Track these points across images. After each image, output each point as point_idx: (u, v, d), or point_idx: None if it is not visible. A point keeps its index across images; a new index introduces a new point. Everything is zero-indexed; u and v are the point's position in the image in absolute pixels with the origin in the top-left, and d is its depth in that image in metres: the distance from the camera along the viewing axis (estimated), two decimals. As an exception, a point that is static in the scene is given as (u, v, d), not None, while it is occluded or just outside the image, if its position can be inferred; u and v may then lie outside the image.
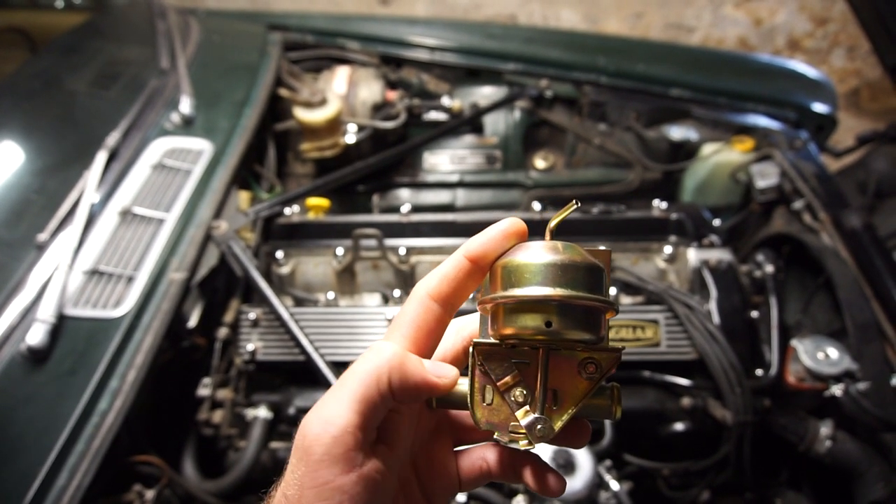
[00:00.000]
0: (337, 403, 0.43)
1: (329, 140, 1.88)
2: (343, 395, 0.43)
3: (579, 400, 0.47)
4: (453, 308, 0.50)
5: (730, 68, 2.22)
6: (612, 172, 2.09)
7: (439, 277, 0.48)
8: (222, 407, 1.32)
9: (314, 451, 0.42)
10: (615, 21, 4.39)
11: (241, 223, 1.49)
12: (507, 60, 2.15)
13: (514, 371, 0.47)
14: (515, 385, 0.47)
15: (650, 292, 1.40)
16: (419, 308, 0.48)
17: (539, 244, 0.47)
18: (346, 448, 0.42)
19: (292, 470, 0.43)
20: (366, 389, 0.43)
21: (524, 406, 0.47)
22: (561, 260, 0.45)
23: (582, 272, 0.45)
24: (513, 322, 0.46)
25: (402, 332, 0.48)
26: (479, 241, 0.48)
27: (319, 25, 2.25)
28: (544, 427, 0.46)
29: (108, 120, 1.56)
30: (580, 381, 0.47)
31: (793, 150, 1.80)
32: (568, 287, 0.44)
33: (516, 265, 0.46)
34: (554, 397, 0.47)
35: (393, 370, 0.44)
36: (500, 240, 0.48)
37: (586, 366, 0.47)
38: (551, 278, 0.44)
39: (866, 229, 1.51)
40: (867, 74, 4.21)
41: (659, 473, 1.39)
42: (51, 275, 1.20)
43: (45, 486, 0.96)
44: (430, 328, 0.48)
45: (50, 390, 1.07)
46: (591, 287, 0.45)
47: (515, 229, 0.48)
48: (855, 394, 1.24)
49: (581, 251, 0.46)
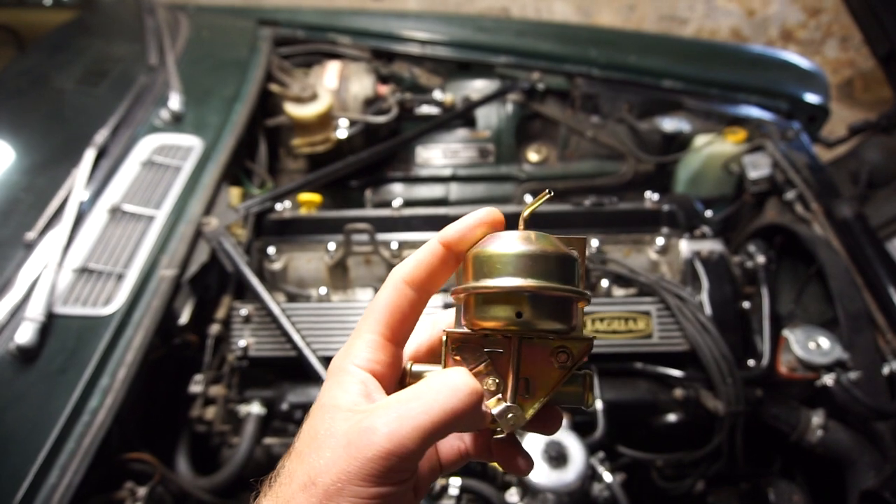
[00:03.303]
0: (413, 430, 0.42)
1: (320, 135, 1.88)
2: (420, 423, 0.42)
3: (551, 388, 0.47)
4: (428, 294, 0.50)
5: (722, 59, 2.21)
6: (604, 164, 2.09)
7: (414, 263, 0.49)
8: (215, 403, 1.32)
9: (374, 458, 0.41)
10: (608, 13, 4.38)
11: (232, 219, 1.48)
12: (499, 53, 2.14)
13: (486, 360, 0.47)
14: (487, 374, 0.47)
15: (642, 284, 1.40)
16: (394, 293, 0.48)
17: (512, 234, 0.47)
18: (404, 474, 0.43)
19: (335, 460, 0.42)
20: (440, 427, 0.43)
21: (496, 395, 0.47)
22: (532, 250, 0.45)
23: (553, 262, 0.45)
24: (484, 312, 0.46)
25: (376, 316, 0.48)
26: (455, 228, 0.48)
27: (310, 20, 2.23)
28: (515, 416, 0.46)
29: (96, 117, 1.55)
30: (552, 370, 0.47)
31: (785, 140, 1.80)
32: (539, 277, 0.44)
33: (488, 255, 0.46)
34: (526, 386, 0.47)
35: (467, 416, 0.44)
36: (475, 227, 0.48)
37: (558, 354, 0.47)
38: (522, 269, 0.45)
39: (858, 219, 1.51)
40: (860, 65, 4.21)
41: (652, 464, 1.39)
42: (40, 273, 1.19)
43: (35, 485, 0.95)
44: (405, 313, 0.49)
45: (40, 389, 1.06)
46: (563, 277, 0.45)
47: (491, 218, 0.48)
48: (846, 383, 1.24)
49: (554, 241, 0.47)
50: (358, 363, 0.47)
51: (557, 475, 1.18)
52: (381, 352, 0.48)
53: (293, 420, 1.36)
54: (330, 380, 0.48)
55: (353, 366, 0.47)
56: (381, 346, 0.48)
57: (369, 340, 0.48)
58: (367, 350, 0.48)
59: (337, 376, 0.48)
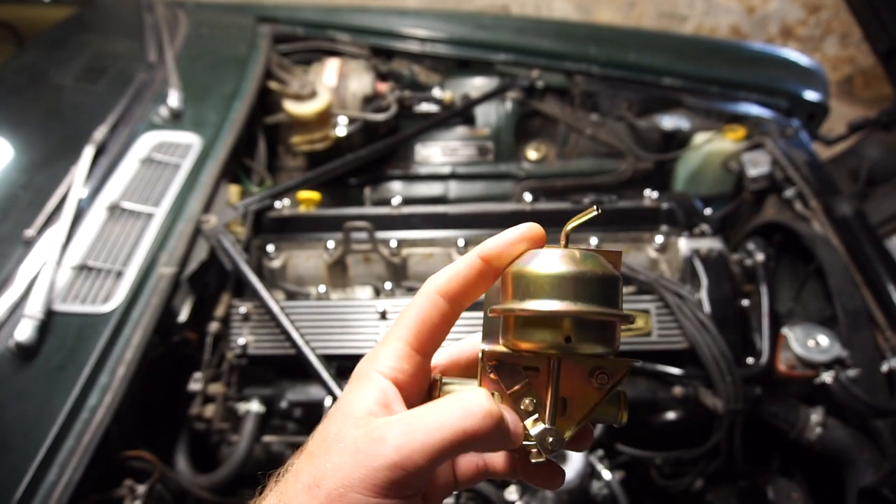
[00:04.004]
0: (422, 445, 0.42)
1: (319, 133, 1.87)
2: (430, 440, 0.42)
3: (589, 409, 0.46)
4: (461, 307, 0.49)
5: (721, 57, 2.21)
6: (604, 162, 2.09)
7: (450, 274, 0.48)
8: (214, 401, 1.32)
9: (380, 468, 0.41)
10: (608, 11, 4.37)
11: (231, 217, 1.48)
12: (499, 51, 2.14)
13: (524, 379, 0.46)
14: (525, 394, 0.46)
15: (641, 282, 1.40)
16: (426, 303, 0.48)
17: (556, 253, 0.45)
18: (409, 490, 0.42)
19: (341, 465, 0.42)
20: (451, 447, 0.42)
21: (533, 415, 0.46)
22: (577, 272, 0.43)
23: (598, 285, 0.43)
24: (525, 334, 0.45)
25: (406, 324, 0.48)
26: (495, 243, 0.47)
27: (309, 17, 2.23)
28: (556, 439, 0.45)
29: (95, 114, 1.54)
30: (590, 390, 0.46)
31: (784, 138, 1.80)
32: (584, 301, 0.43)
33: (533, 275, 0.44)
34: (563, 406, 0.46)
35: (482, 438, 0.43)
36: (516, 243, 0.47)
37: (597, 375, 0.46)
38: (567, 291, 0.43)
39: (857, 217, 1.51)
40: (860, 62, 4.20)
41: (651, 462, 1.39)
42: (39, 270, 1.19)
43: (34, 483, 0.95)
44: (435, 323, 0.48)
45: (39, 386, 1.06)
46: (608, 300, 0.44)
47: (532, 234, 0.47)
48: (845, 381, 1.25)
49: (599, 261, 0.45)
50: (381, 370, 0.47)
51: (556, 473, 1.18)
52: (405, 361, 0.48)
53: (292, 418, 1.36)
54: (351, 383, 0.48)
55: (375, 372, 0.47)
56: (407, 355, 0.48)
57: (395, 348, 0.48)
58: (391, 358, 0.47)
59: (359, 381, 0.48)
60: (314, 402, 1.34)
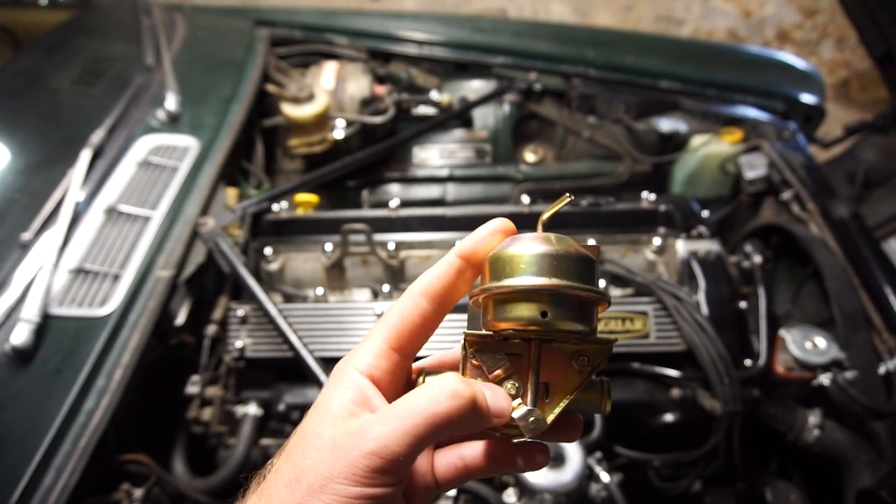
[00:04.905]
0: (395, 432, 0.43)
1: (317, 135, 1.87)
2: (404, 426, 0.43)
3: (570, 393, 0.47)
4: (444, 307, 0.50)
5: (718, 60, 2.22)
6: (601, 165, 2.09)
7: (431, 275, 0.50)
8: (211, 404, 1.32)
9: (358, 457, 0.42)
10: (605, 14, 4.38)
11: (229, 220, 1.48)
12: (496, 54, 2.14)
13: (506, 363, 0.47)
14: (507, 377, 0.47)
15: (639, 284, 1.40)
16: (409, 303, 0.49)
17: (531, 236, 0.46)
18: (390, 478, 0.43)
19: (320, 460, 0.43)
20: (427, 431, 0.43)
21: (516, 398, 0.47)
22: (555, 250, 0.45)
23: (575, 263, 0.45)
24: (504, 313, 0.45)
25: (387, 323, 0.49)
26: (471, 239, 0.49)
27: (307, 20, 2.23)
28: (537, 419, 0.46)
29: (92, 117, 1.54)
30: (571, 374, 0.47)
31: (781, 140, 1.80)
32: (562, 277, 0.44)
33: (509, 256, 0.46)
34: (545, 390, 0.47)
35: (456, 420, 0.44)
36: (490, 236, 0.49)
37: (577, 358, 0.47)
38: (545, 268, 0.44)
39: (854, 219, 1.51)
40: (856, 65, 4.22)
41: (649, 464, 1.39)
42: (35, 274, 1.19)
43: (31, 486, 0.95)
44: (416, 323, 0.49)
45: (35, 390, 1.06)
46: (585, 278, 0.45)
47: (504, 227, 0.49)
48: (843, 383, 1.25)
49: (573, 243, 0.46)
50: (358, 367, 0.48)
51: (555, 475, 1.18)
52: (382, 359, 0.49)
53: (290, 421, 1.36)
54: (329, 381, 0.49)
55: (352, 370, 0.48)
56: (385, 353, 0.49)
57: (373, 346, 0.49)
58: (368, 355, 0.48)
59: (336, 379, 0.48)
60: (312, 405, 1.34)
